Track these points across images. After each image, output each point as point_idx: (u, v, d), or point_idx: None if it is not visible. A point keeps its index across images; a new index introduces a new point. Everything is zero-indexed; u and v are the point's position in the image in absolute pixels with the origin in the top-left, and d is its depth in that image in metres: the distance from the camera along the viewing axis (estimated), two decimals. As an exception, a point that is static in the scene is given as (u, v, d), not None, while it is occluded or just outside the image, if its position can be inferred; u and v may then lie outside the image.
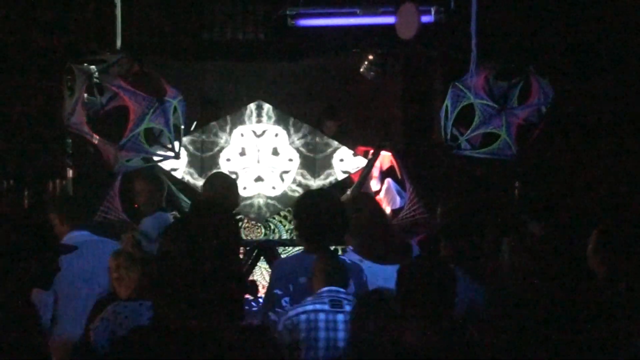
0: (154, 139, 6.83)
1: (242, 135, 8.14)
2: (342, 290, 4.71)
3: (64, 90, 6.81)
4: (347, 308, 4.62)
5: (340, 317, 4.62)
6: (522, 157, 6.98)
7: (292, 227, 6.98)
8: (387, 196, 8.09)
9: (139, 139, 6.59)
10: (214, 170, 7.66)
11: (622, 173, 7.57)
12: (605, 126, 7.70)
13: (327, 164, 8.13)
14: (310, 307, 4.64)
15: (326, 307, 4.64)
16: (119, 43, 7.73)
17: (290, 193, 7.96)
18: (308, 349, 4.58)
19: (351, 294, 4.81)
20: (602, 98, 7.76)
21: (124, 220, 7.17)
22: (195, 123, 8.50)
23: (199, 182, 7.84)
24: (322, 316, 4.60)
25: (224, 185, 6.89)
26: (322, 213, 5.12)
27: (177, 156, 7.02)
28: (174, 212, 7.60)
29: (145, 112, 6.55)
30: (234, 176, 7.77)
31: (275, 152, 8.15)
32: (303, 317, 4.61)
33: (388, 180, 8.26)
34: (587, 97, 7.82)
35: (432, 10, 8.44)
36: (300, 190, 7.80)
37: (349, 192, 7.92)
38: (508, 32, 7.84)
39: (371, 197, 7.12)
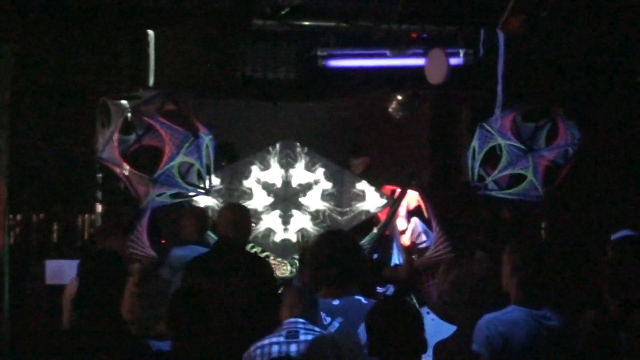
0: (181, 177, 6.90)
1: (271, 173, 8.24)
2: (300, 320, 4.78)
3: (97, 125, 6.92)
4: (302, 337, 4.69)
5: (293, 347, 4.70)
6: (549, 198, 7.01)
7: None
8: (413, 235, 8.13)
9: (172, 172, 6.68)
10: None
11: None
12: (633, 166, 7.72)
13: (355, 201, 8.21)
14: (266, 341, 4.76)
15: (281, 338, 4.73)
16: (151, 81, 7.87)
17: (314, 232, 8.01)
18: None
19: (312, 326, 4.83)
20: (628, 140, 7.80)
21: (150, 255, 7.20)
22: (224, 162, 8.59)
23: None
24: (275, 348, 4.70)
25: (238, 216, 6.85)
26: (336, 251, 5.06)
27: (207, 192, 7.11)
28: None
29: (181, 146, 6.63)
30: (260, 212, 7.88)
31: (303, 191, 8.23)
32: (258, 351, 4.73)
33: (415, 220, 8.29)
34: (614, 139, 7.86)
35: (461, 52, 8.54)
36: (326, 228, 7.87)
37: (375, 230, 7.97)
38: (536, 74, 7.90)
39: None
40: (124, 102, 6.91)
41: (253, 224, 7.73)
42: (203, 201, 7.74)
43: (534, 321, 4.65)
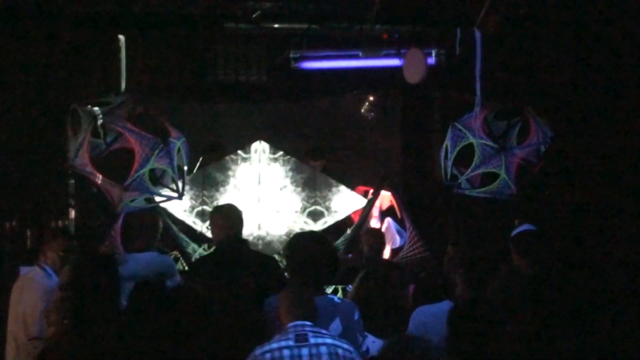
0: (155, 180, 6.89)
1: (243, 175, 8.24)
2: (307, 323, 4.76)
3: (68, 132, 6.88)
4: (312, 340, 4.68)
5: (304, 351, 4.66)
6: (521, 195, 7.03)
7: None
8: (387, 235, 8.16)
9: (143, 179, 6.65)
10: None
11: (620, 210, 7.62)
12: (604, 166, 7.76)
13: (327, 203, 8.24)
14: (275, 345, 4.69)
15: (291, 342, 4.67)
16: (123, 85, 7.83)
17: (286, 236, 8.01)
18: None
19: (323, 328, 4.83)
20: (600, 138, 7.83)
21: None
22: (197, 165, 8.58)
23: (199, 223, 8.01)
24: (286, 352, 4.64)
25: (232, 216, 6.76)
26: (312, 254, 5.13)
27: (180, 196, 7.08)
28: (174, 252, 7.67)
29: (150, 153, 6.61)
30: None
31: (276, 193, 8.24)
32: (268, 355, 4.63)
33: (388, 220, 8.32)
34: (584, 137, 7.89)
35: (433, 52, 8.57)
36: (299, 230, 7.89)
37: (349, 231, 7.99)
38: (506, 73, 7.92)
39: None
40: (95, 108, 6.88)
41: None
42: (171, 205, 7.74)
43: None
